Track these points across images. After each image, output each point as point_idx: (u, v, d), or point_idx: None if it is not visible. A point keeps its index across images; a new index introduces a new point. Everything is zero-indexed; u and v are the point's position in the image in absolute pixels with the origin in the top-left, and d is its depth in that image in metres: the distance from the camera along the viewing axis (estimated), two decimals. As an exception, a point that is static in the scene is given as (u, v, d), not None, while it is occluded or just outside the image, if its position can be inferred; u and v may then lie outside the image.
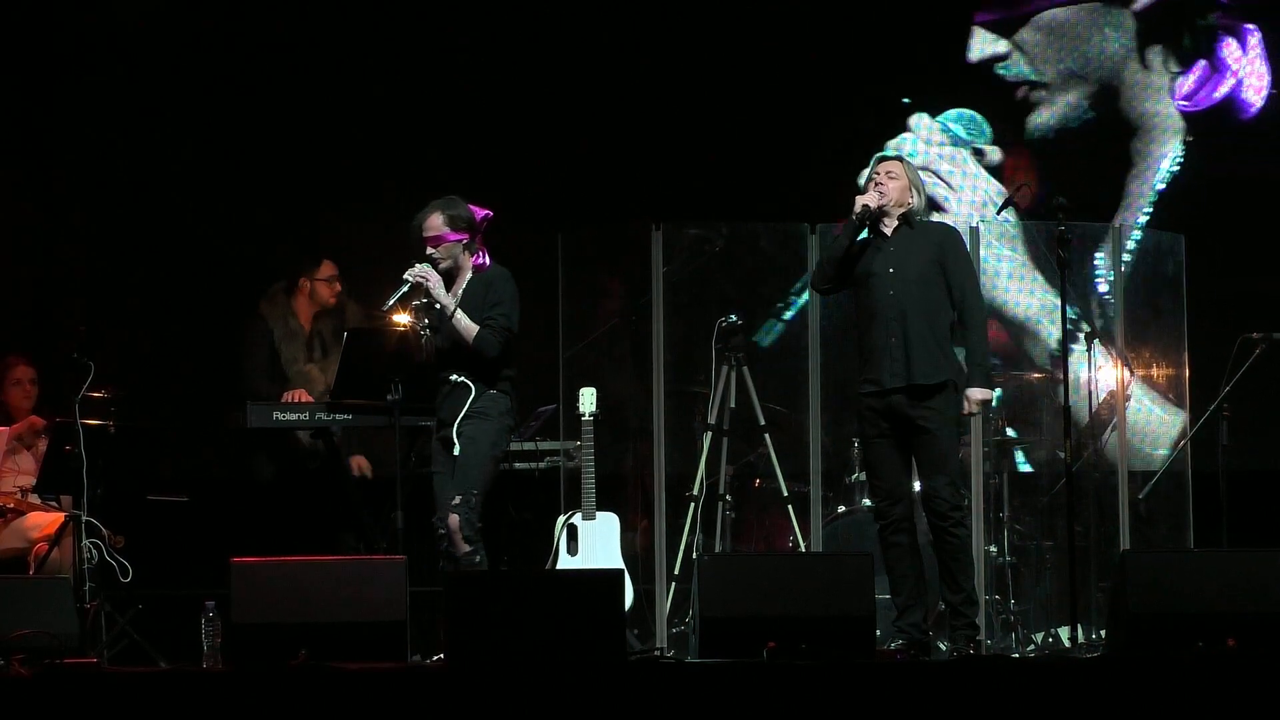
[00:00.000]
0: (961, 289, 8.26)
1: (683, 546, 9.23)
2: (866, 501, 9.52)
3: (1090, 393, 9.35)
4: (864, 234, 8.33)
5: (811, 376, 9.24)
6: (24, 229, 11.19)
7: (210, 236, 11.11)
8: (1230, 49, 11.23)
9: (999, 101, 11.33)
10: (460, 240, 8.48)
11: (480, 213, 8.55)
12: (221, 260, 11.01)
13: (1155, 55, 11.27)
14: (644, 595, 9.16)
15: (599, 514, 9.12)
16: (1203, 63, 11.26)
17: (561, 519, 9.13)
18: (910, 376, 8.16)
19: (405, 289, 8.42)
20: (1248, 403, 9.14)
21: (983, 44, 11.33)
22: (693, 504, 9.30)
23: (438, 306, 8.42)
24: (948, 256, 8.27)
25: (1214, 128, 11.21)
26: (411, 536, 8.54)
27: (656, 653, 8.53)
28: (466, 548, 8.22)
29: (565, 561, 9.00)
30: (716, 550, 9.27)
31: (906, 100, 11.28)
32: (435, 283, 8.41)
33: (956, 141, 11.25)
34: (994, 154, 11.30)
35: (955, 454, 8.40)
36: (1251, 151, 11.16)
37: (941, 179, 11.19)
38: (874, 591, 7.78)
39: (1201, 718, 6.88)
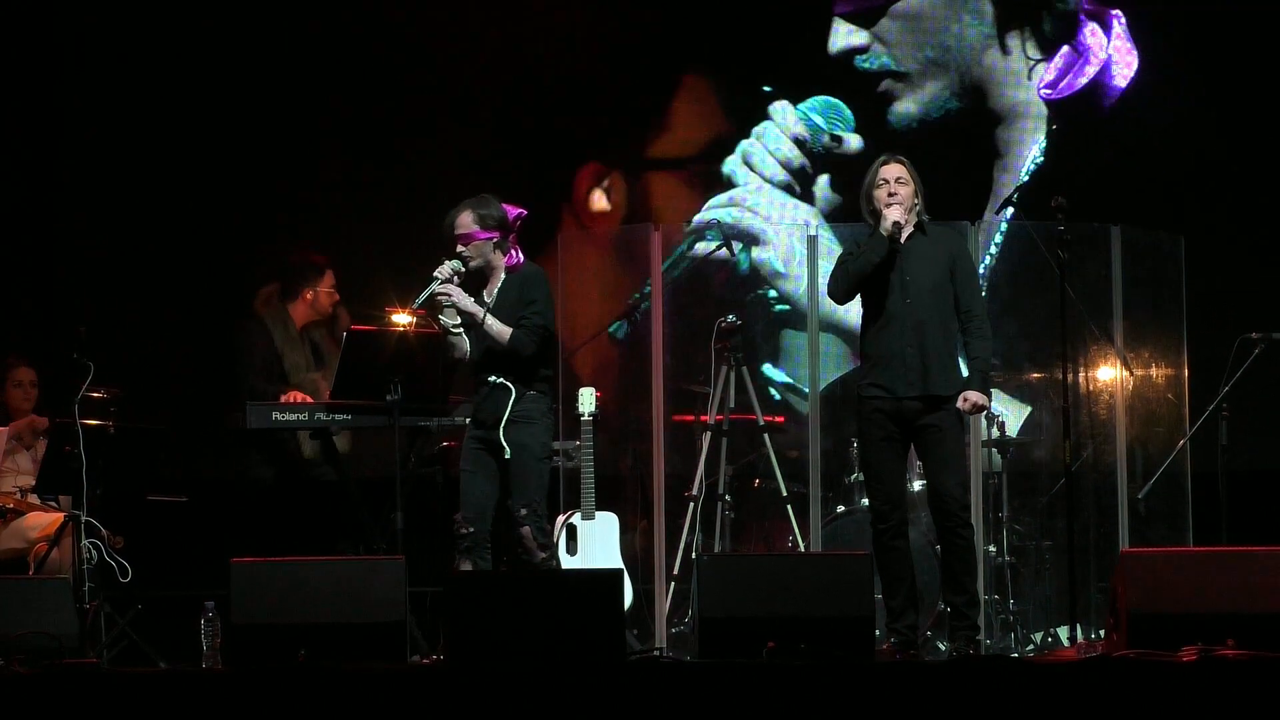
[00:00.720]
0: (968, 294, 8.25)
1: (682, 546, 9.23)
2: (865, 501, 9.52)
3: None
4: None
5: (812, 374, 9.24)
6: (25, 230, 11.19)
7: (210, 237, 11.11)
8: (1094, 34, 11.17)
9: (862, 93, 11.30)
10: (490, 239, 8.45)
11: (514, 211, 8.53)
12: (221, 261, 11.02)
13: (1015, 41, 11.23)
14: (643, 595, 9.16)
15: (598, 514, 9.12)
16: (1065, 49, 11.22)
17: (561, 519, 9.13)
18: (927, 387, 8.15)
19: (435, 286, 8.40)
20: (1247, 403, 9.13)
21: (842, 36, 11.29)
22: (692, 504, 9.30)
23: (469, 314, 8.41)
24: (957, 263, 8.26)
25: (1079, 114, 11.16)
26: (410, 537, 8.54)
27: (656, 653, 8.53)
28: (542, 554, 8.29)
29: (565, 561, 9.00)
30: (716, 550, 9.28)
31: (768, 89, 11.25)
32: (458, 295, 8.40)
33: (816, 130, 11.21)
34: (854, 141, 11.25)
35: (964, 454, 8.40)
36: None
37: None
38: (873, 591, 7.78)
39: (1200, 718, 6.88)
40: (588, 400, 9.11)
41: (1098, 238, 9.32)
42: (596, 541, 9.09)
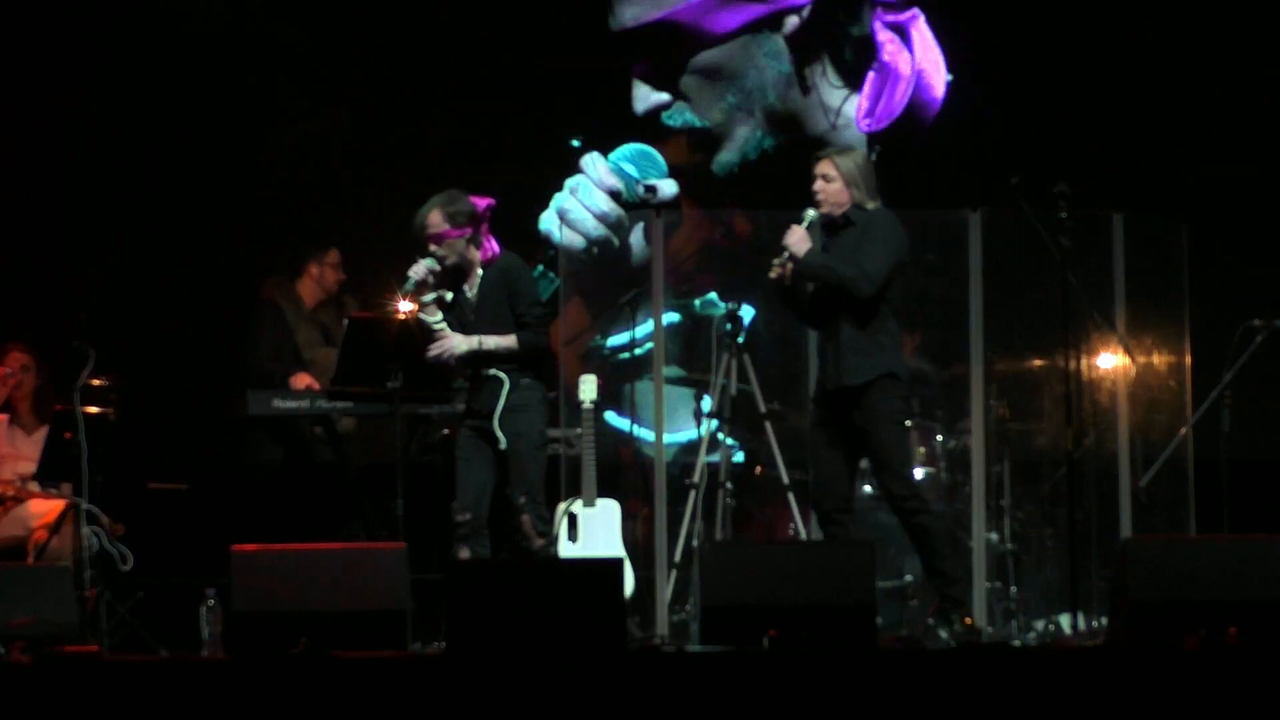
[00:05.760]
0: (860, 254, 8.22)
1: (683, 534, 9.23)
2: (867, 489, 9.52)
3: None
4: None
5: (811, 365, 9.22)
6: (26, 217, 11.18)
7: (212, 224, 11.11)
8: (896, 51, 11.11)
9: (676, 140, 11.25)
10: (463, 235, 8.43)
11: (482, 203, 8.50)
12: (223, 248, 11.01)
13: (817, 75, 11.17)
14: (645, 583, 9.15)
15: (599, 501, 9.11)
16: (871, 75, 11.16)
17: (562, 506, 9.12)
18: (840, 379, 8.22)
19: (410, 286, 8.41)
20: (1249, 390, 9.13)
21: (644, 96, 11.24)
22: (693, 492, 9.29)
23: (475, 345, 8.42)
24: (862, 238, 8.25)
25: (901, 133, 11.04)
26: (412, 524, 8.53)
27: (657, 641, 8.53)
28: (541, 541, 8.28)
29: (566, 549, 8.99)
30: (717, 538, 9.27)
31: (576, 143, 11.18)
32: (450, 347, 8.39)
33: (629, 180, 11.15)
34: (668, 187, 11.17)
35: (894, 442, 8.32)
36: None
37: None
38: (875, 579, 7.77)
39: (1203, 705, 6.88)
40: (589, 387, 9.10)
41: (1100, 225, 9.31)
42: (598, 529, 9.08)
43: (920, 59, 11.12)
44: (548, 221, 10.99)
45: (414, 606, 7.65)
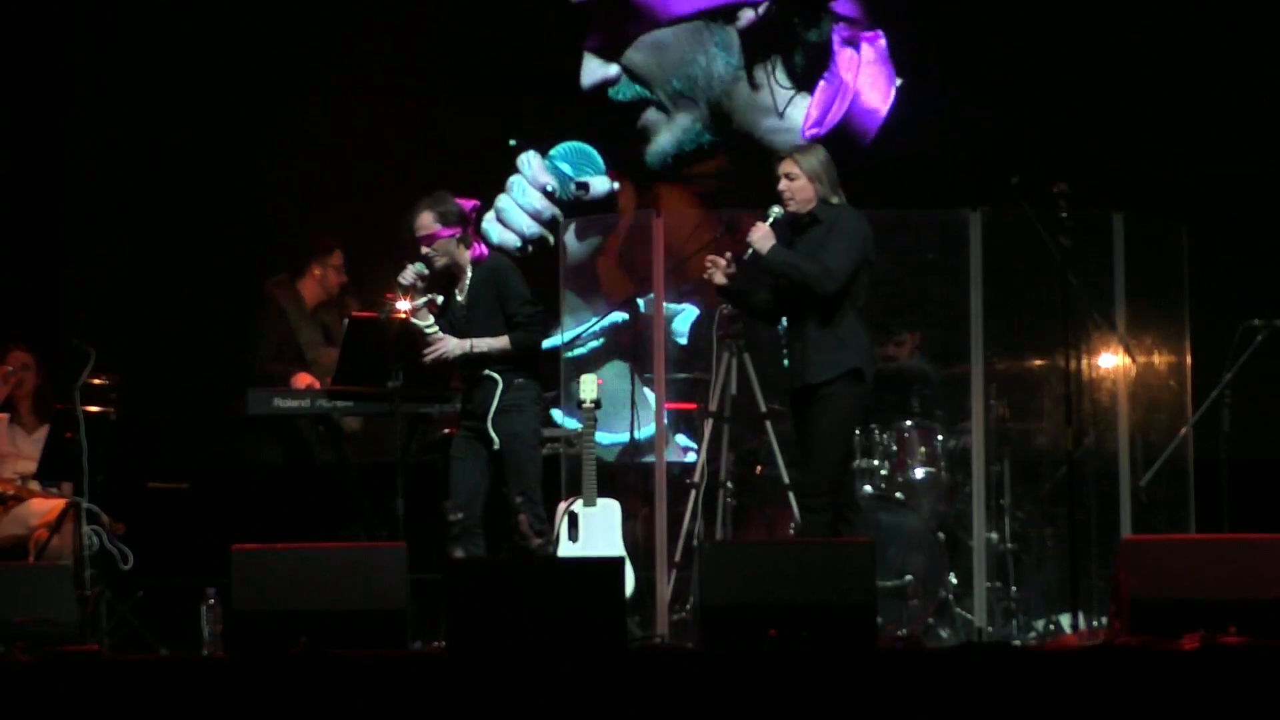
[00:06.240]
0: (824, 251, 8.22)
1: (684, 534, 9.22)
2: (868, 488, 9.52)
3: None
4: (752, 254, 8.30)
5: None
6: (26, 217, 11.18)
7: (212, 224, 11.11)
8: (847, 60, 11.10)
9: (616, 129, 11.22)
10: (453, 235, 8.47)
11: (468, 204, 8.55)
12: (222, 248, 11.01)
13: (764, 74, 11.16)
14: (645, 583, 9.15)
15: (600, 501, 9.11)
16: (822, 82, 11.15)
17: (562, 506, 9.12)
18: (805, 378, 8.22)
19: (399, 292, 8.43)
20: (1249, 390, 9.12)
21: (593, 69, 11.23)
22: (694, 491, 9.29)
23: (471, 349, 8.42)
24: (826, 235, 8.24)
25: (842, 144, 10.91)
26: (412, 524, 8.53)
27: (657, 640, 8.52)
28: (539, 540, 8.28)
29: (566, 549, 8.99)
30: (718, 538, 9.27)
31: (513, 142, 11.19)
32: (444, 351, 8.40)
33: (563, 179, 11.15)
34: (601, 184, 11.17)
35: (833, 443, 8.29)
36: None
37: None
38: (875, 579, 7.77)
39: (1202, 706, 6.87)
40: (589, 387, 9.10)
41: (1100, 225, 9.30)
42: (598, 529, 9.08)
43: (863, 73, 11.11)
44: (487, 221, 11.04)
45: (414, 606, 7.65)
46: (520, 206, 11.11)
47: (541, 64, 11.26)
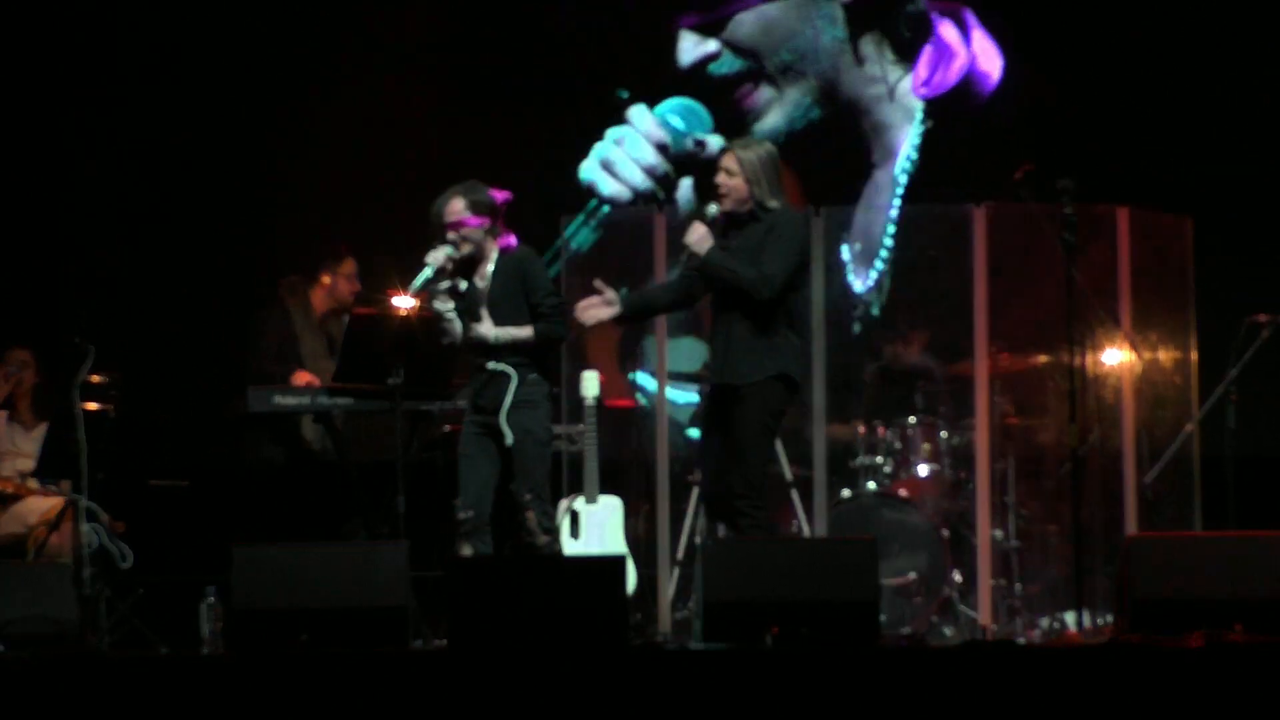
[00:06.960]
0: (764, 257, 7.99)
1: (686, 531, 9.20)
2: (871, 485, 9.49)
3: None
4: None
5: (816, 360, 9.20)
6: (26, 216, 11.17)
7: (212, 221, 11.10)
8: (949, 31, 11.10)
9: (723, 97, 11.19)
10: (482, 225, 8.37)
11: (500, 196, 8.47)
12: (225, 246, 11.00)
13: (869, 47, 11.13)
14: (647, 580, 9.13)
15: (602, 498, 9.09)
16: (928, 48, 11.13)
17: (564, 503, 9.10)
18: (724, 376, 8.01)
19: (429, 273, 8.31)
20: (1254, 386, 9.10)
21: (690, 48, 11.18)
22: (695, 488, 9.26)
23: (483, 332, 8.34)
24: (766, 239, 8.02)
25: (953, 107, 11.09)
26: (413, 521, 8.51)
27: (659, 638, 8.50)
28: (546, 538, 8.22)
29: (568, 546, 8.97)
30: (720, 535, 9.24)
31: (624, 94, 11.12)
32: (483, 333, 8.31)
33: (676, 134, 11.09)
34: (716, 142, 11.01)
35: (757, 448, 8.08)
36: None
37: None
38: (877, 576, 7.74)
39: (1207, 703, 6.85)
40: (591, 384, 9.07)
41: (1105, 220, 9.28)
42: (600, 526, 9.06)
43: (975, 44, 11.14)
44: (589, 171, 10.97)
45: (415, 604, 7.63)
46: (633, 160, 11.02)
47: (544, 63, 11.22)
